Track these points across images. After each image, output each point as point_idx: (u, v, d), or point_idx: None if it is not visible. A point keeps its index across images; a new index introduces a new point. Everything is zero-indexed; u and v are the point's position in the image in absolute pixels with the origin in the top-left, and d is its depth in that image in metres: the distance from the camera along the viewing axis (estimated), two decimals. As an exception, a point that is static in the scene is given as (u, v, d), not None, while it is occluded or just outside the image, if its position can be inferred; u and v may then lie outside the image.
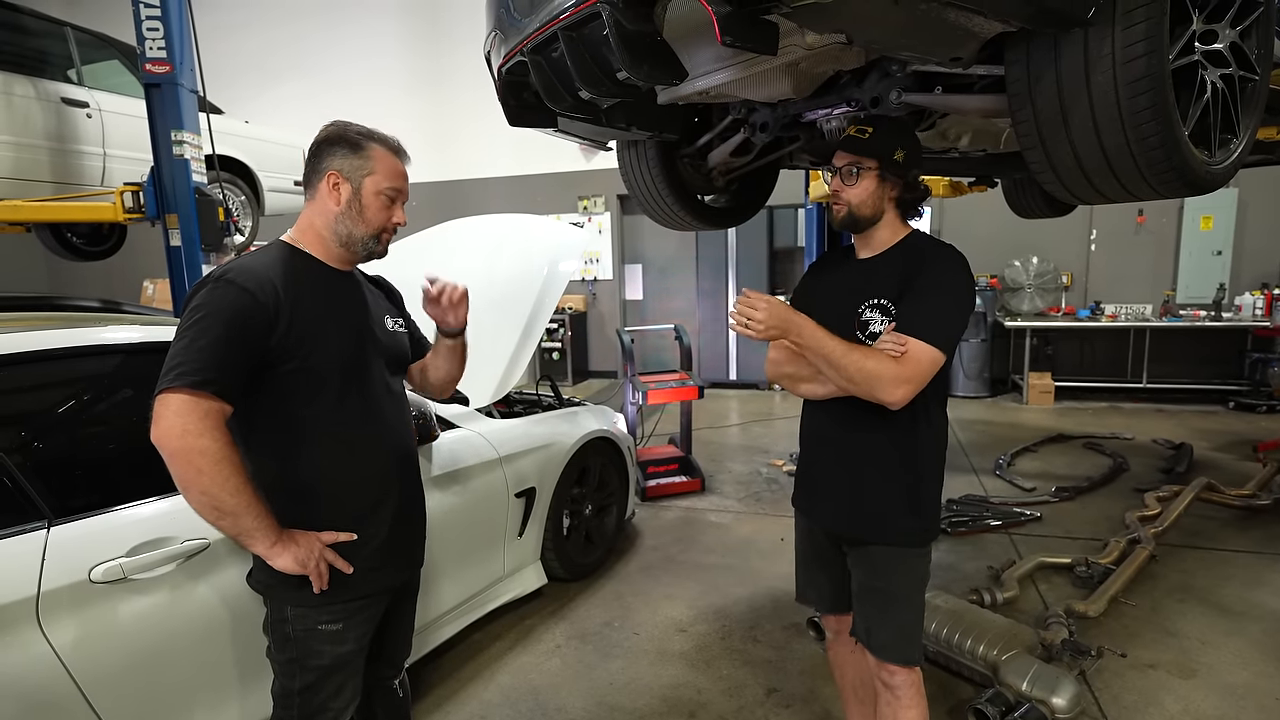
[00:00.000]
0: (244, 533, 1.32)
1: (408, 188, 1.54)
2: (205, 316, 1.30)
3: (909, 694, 1.67)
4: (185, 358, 1.27)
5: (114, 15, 5.13)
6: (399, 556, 1.59)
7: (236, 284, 1.34)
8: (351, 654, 1.51)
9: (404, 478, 1.61)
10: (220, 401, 1.29)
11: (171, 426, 1.24)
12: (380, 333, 1.58)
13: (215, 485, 1.26)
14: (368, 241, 1.50)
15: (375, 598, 1.54)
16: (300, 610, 1.45)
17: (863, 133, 1.62)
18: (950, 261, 1.60)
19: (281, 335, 1.36)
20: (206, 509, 1.29)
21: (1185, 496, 3.98)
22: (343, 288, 1.53)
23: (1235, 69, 1.59)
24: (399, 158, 1.52)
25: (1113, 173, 1.51)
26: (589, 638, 2.91)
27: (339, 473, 1.46)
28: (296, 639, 1.46)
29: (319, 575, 1.40)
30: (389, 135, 1.52)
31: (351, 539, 1.46)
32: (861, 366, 1.51)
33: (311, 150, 1.49)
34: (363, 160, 1.46)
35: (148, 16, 3.70)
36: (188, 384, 1.25)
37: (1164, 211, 7.24)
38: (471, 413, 2.94)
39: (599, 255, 8.97)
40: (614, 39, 1.48)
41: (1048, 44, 1.46)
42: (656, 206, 2.83)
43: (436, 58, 8.94)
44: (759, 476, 5.05)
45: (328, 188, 1.47)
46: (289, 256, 1.47)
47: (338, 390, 1.44)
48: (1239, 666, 2.57)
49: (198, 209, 3.87)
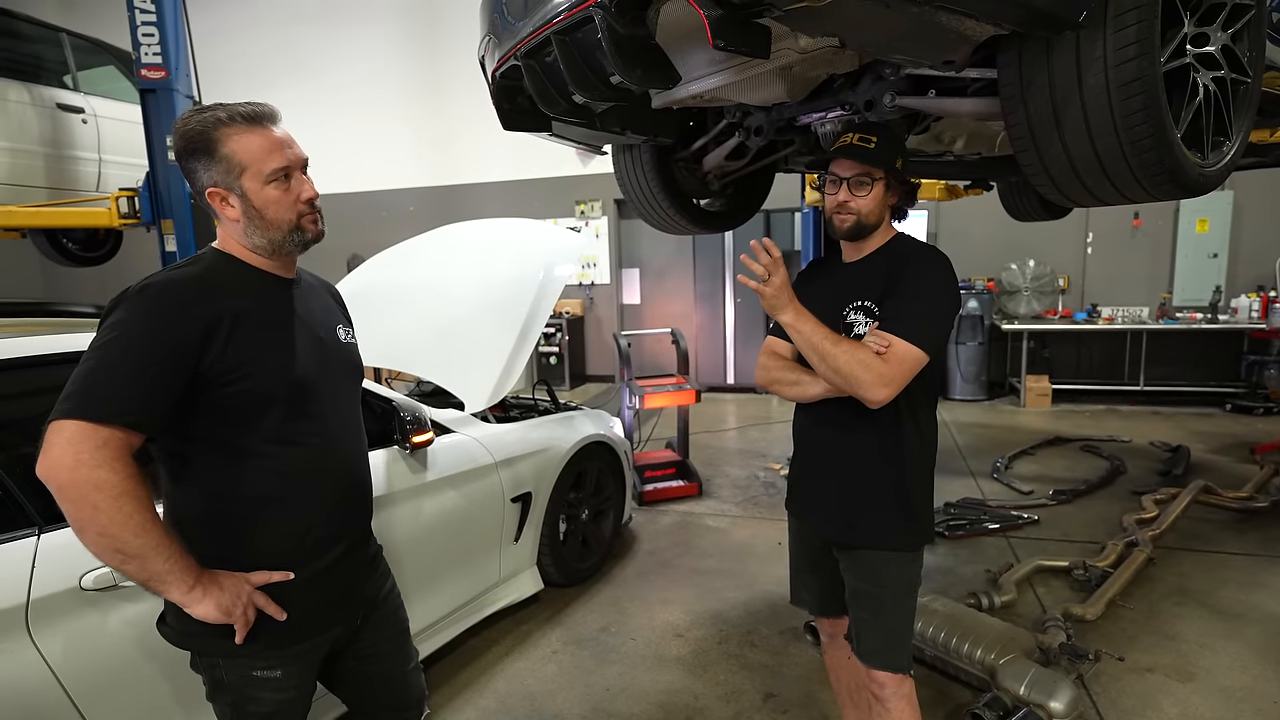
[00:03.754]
0: (153, 577, 1.14)
1: (294, 149, 1.29)
2: (121, 336, 1.13)
3: (898, 705, 1.65)
4: (91, 383, 1.10)
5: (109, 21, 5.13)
6: (345, 594, 1.41)
7: (161, 299, 1.17)
8: (295, 701, 1.36)
9: (353, 504, 1.44)
10: (127, 433, 1.11)
11: (62, 456, 1.06)
12: (331, 343, 1.41)
13: (115, 524, 1.08)
14: (290, 237, 1.29)
15: (317, 640, 1.36)
16: (231, 661, 1.28)
17: (867, 142, 1.61)
18: (933, 262, 1.61)
19: (216, 355, 1.18)
20: (107, 552, 1.11)
21: (1183, 499, 3.98)
22: (287, 297, 1.35)
23: (1227, 71, 1.60)
24: (261, 124, 1.26)
25: (1106, 175, 1.51)
26: (585, 643, 2.89)
27: (278, 503, 1.29)
28: (232, 684, 1.30)
29: (245, 622, 1.22)
30: (239, 105, 1.25)
31: (287, 578, 1.28)
32: (849, 359, 1.51)
33: (181, 168, 1.29)
34: (226, 161, 1.23)
35: (143, 22, 3.71)
36: (88, 415, 1.08)
37: (1160, 214, 7.26)
38: (467, 417, 2.93)
39: (596, 259, 8.97)
40: (607, 43, 1.48)
41: (1040, 47, 1.46)
42: (652, 210, 2.84)
43: (434, 63, 8.95)
44: (756, 480, 5.04)
45: (218, 205, 1.27)
46: (224, 265, 1.29)
47: (283, 410, 1.27)
48: (1237, 669, 2.57)
49: (193, 214, 3.87)
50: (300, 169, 1.30)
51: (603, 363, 9.18)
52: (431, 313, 3.20)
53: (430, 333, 3.12)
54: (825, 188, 1.68)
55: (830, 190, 1.66)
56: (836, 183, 1.65)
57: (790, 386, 1.69)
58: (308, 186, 1.30)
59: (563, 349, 8.66)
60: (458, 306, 3.22)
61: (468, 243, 3.77)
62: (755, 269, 1.56)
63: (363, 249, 5.35)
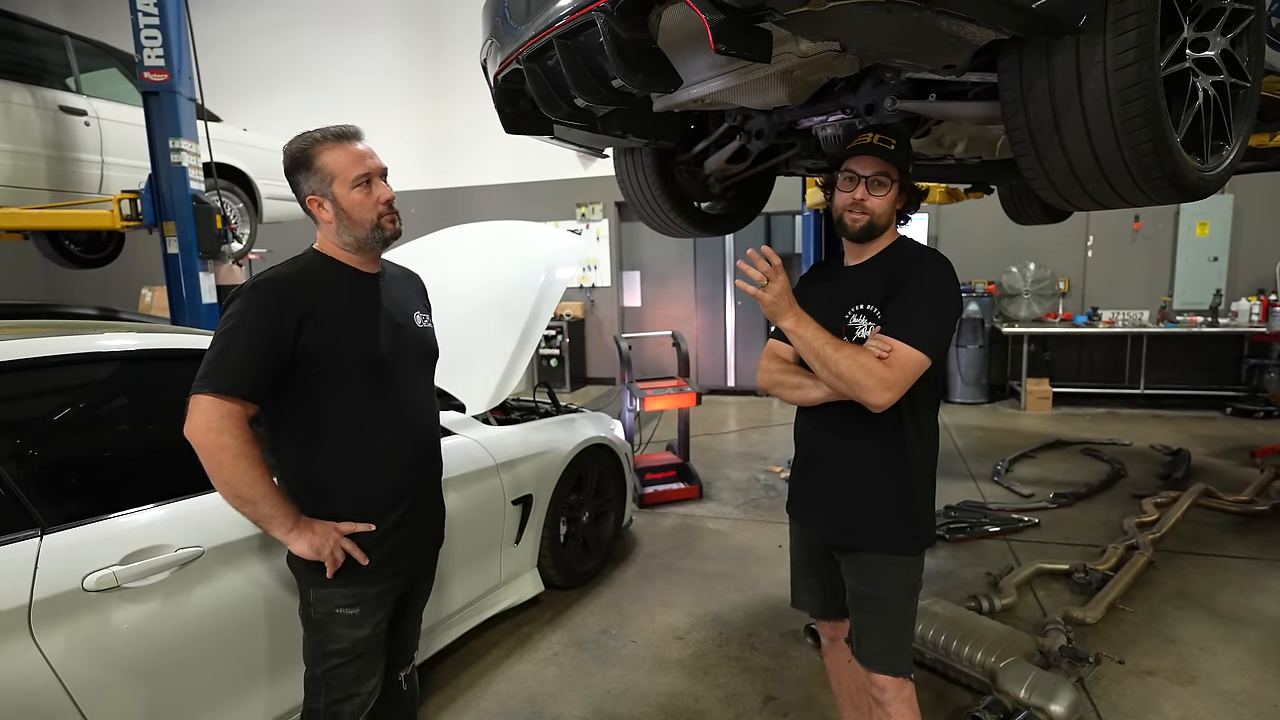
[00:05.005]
0: (263, 518, 1.46)
1: (374, 160, 1.57)
2: (238, 325, 1.45)
3: (899, 709, 1.65)
4: (217, 365, 1.43)
5: (112, 24, 5.15)
6: (415, 545, 1.69)
7: (267, 293, 1.47)
8: (369, 639, 1.60)
9: (424, 470, 1.71)
10: (243, 404, 1.43)
11: (198, 424, 1.40)
12: (409, 328, 1.67)
13: (234, 476, 1.41)
14: (373, 234, 1.57)
15: (391, 584, 1.63)
16: (322, 592, 1.56)
17: (887, 143, 1.61)
18: (936, 266, 1.61)
19: (307, 339, 1.47)
20: (229, 495, 1.44)
21: (1183, 502, 3.97)
22: (373, 290, 1.62)
23: (1227, 76, 1.61)
24: (348, 141, 1.55)
25: (1105, 179, 1.52)
26: (586, 645, 2.89)
27: (356, 466, 1.56)
28: (318, 622, 1.57)
29: (333, 561, 1.51)
30: (330, 127, 1.56)
31: (370, 529, 1.56)
32: (851, 364, 1.51)
33: (288, 182, 1.59)
34: (320, 172, 1.53)
35: (146, 25, 3.71)
36: (215, 389, 1.40)
37: (1160, 217, 7.27)
38: (468, 419, 2.93)
39: (597, 262, 8.98)
40: (609, 47, 1.49)
41: (1040, 51, 1.47)
42: (653, 213, 2.84)
43: (436, 66, 8.97)
44: (757, 483, 5.04)
45: (315, 210, 1.57)
46: (319, 264, 1.59)
47: (359, 386, 1.54)
48: (1238, 673, 2.57)
49: (195, 217, 3.87)
50: (380, 176, 1.57)
51: (603, 365, 9.18)
52: (433, 315, 3.20)
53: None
54: (838, 185, 1.67)
55: (845, 188, 1.65)
56: (854, 180, 1.63)
57: (792, 390, 1.69)
58: (385, 190, 1.58)
59: (564, 351, 8.66)
60: (459, 309, 3.22)
61: (469, 245, 3.78)
62: (753, 275, 1.56)
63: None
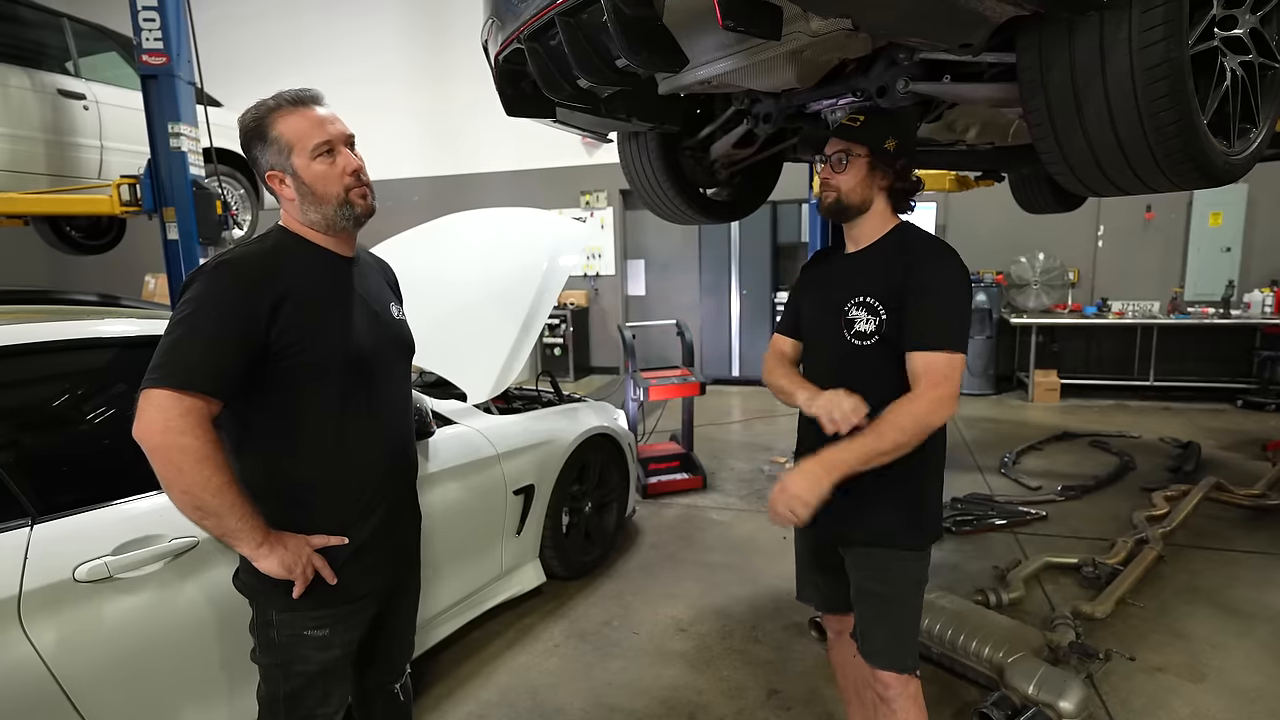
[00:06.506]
0: (228, 533, 1.27)
1: (337, 125, 1.38)
2: (200, 309, 1.25)
3: (904, 705, 1.62)
4: (174, 354, 1.23)
5: (111, 7, 5.08)
6: (389, 560, 1.53)
7: (232, 275, 1.28)
8: (338, 660, 1.46)
9: (404, 474, 1.56)
10: (206, 400, 1.23)
11: (153, 422, 1.20)
12: (386, 319, 1.51)
13: (196, 484, 1.22)
14: (340, 210, 1.38)
15: (363, 602, 1.48)
16: (286, 615, 1.39)
17: (854, 121, 1.61)
18: (945, 259, 1.56)
19: (283, 328, 1.29)
20: (189, 508, 1.24)
21: (1193, 496, 3.93)
22: (347, 276, 1.45)
23: (1256, 56, 1.54)
24: (305, 106, 1.36)
25: (1128, 163, 1.46)
26: (588, 637, 2.87)
27: (333, 473, 1.40)
28: (282, 644, 1.41)
29: (304, 579, 1.35)
30: (286, 91, 1.37)
31: (342, 543, 1.40)
32: (909, 422, 1.45)
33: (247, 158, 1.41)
34: (277, 143, 1.34)
35: (144, 8, 3.65)
36: (173, 383, 1.21)
37: (1172, 207, 7.17)
38: (469, 409, 2.90)
39: (601, 250, 8.92)
40: (613, 25, 1.44)
41: (1061, 29, 1.41)
42: (658, 200, 2.79)
43: (438, 51, 8.89)
44: (761, 474, 5.01)
45: (276, 186, 1.38)
46: (290, 243, 1.40)
47: (339, 383, 1.37)
48: (1249, 669, 2.53)
49: (195, 202, 3.82)
50: (345, 144, 1.38)
51: (607, 354, 9.15)
52: (434, 303, 3.16)
53: (433, 323, 3.07)
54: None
55: (820, 171, 1.69)
56: (824, 161, 1.66)
57: (785, 395, 1.70)
58: (352, 159, 1.38)
59: (567, 340, 8.63)
60: (461, 297, 3.19)
61: (471, 233, 3.73)
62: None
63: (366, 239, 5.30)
